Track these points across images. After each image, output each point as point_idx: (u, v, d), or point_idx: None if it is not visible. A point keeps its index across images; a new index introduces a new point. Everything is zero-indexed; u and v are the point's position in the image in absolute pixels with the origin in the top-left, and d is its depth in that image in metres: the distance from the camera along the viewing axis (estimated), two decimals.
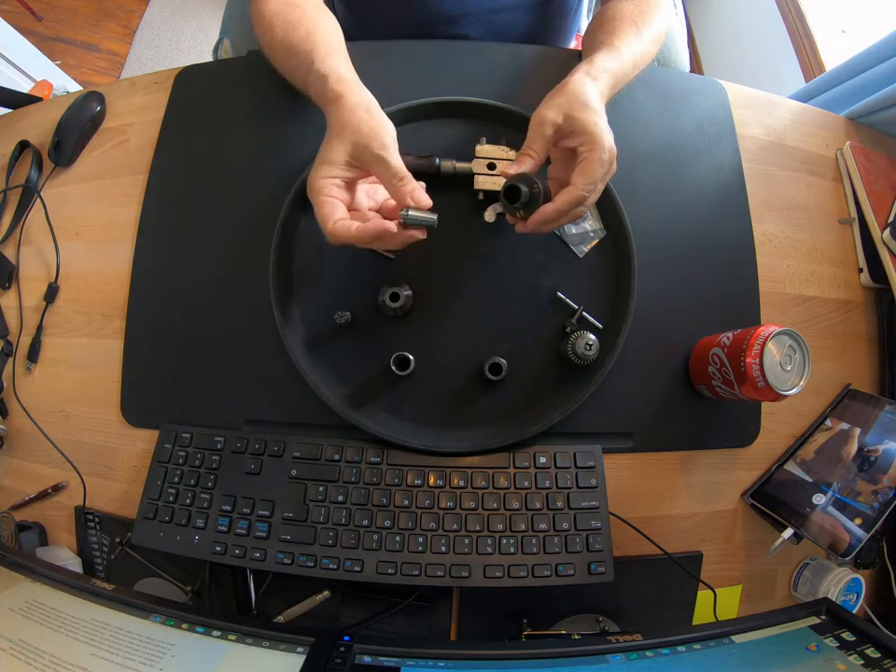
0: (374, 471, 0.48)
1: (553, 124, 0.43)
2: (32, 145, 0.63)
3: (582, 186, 0.42)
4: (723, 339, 0.48)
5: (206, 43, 1.89)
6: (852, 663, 0.34)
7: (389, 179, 0.41)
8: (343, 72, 0.45)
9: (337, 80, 0.44)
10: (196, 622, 0.39)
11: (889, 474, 0.48)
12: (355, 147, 0.41)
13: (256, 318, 0.51)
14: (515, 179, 0.43)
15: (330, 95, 0.43)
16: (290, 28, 0.48)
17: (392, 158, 0.41)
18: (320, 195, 0.41)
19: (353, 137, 0.41)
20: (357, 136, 0.41)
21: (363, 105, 0.42)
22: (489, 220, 0.51)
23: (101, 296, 0.57)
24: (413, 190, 0.41)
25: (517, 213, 0.45)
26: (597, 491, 0.48)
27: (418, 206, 0.41)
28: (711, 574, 0.52)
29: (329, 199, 0.41)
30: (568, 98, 0.43)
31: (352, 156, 0.41)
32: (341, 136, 0.41)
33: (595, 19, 0.56)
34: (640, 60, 0.52)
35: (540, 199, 0.43)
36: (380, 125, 0.42)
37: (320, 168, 0.41)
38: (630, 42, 0.50)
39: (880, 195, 0.60)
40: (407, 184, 0.41)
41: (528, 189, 0.43)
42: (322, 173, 0.41)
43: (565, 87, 0.45)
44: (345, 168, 0.42)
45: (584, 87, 0.44)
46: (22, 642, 0.36)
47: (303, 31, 0.48)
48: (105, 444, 0.54)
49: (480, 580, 0.44)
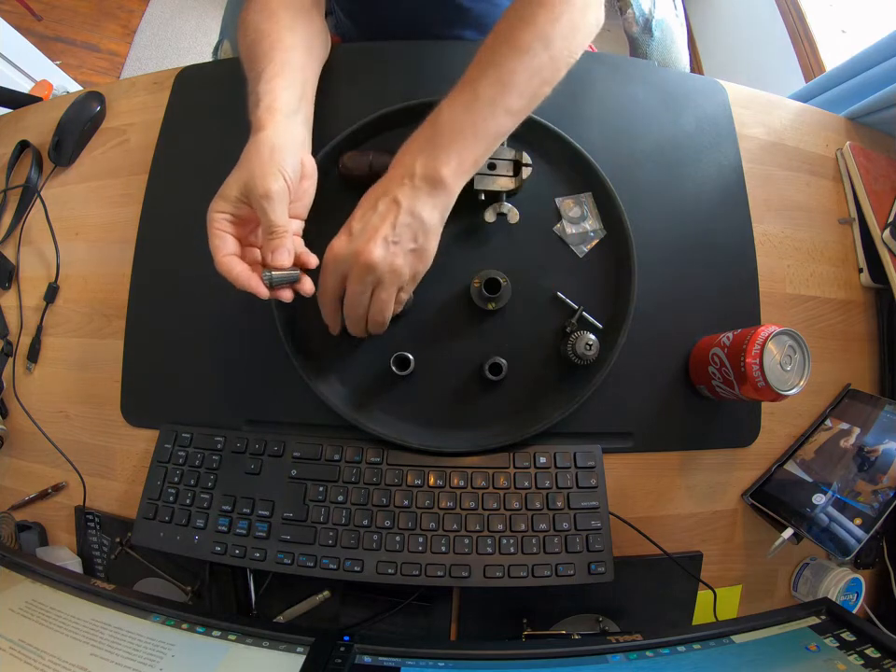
0: (374, 471, 0.47)
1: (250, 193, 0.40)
2: (32, 145, 0.63)
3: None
4: (723, 339, 0.48)
5: (206, 43, 1.89)
6: (852, 663, 0.34)
7: (264, 229, 0.40)
8: (277, 99, 0.43)
9: (266, 109, 0.42)
10: (196, 622, 0.39)
11: (888, 474, 0.48)
12: (244, 188, 0.39)
13: (256, 318, 0.51)
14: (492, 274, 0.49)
15: (254, 123, 0.42)
16: (258, 38, 0.47)
17: (269, 209, 0.39)
18: (211, 226, 0.40)
19: (246, 176, 0.39)
20: (248, 177, 0.39)
21: (268, 144, 0.40)
22: (489, 220, 0.51)
23: (101, 296, 0.57)
24: (276, 248, 0.39)
25: (490, 304, 0.49)
26: (597, 491, 0.48)
27: (275, 266, 0.39)
28: (711, 574, 0.52)
29: (219, 232, 0.40)
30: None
31: (242, 195, 0.40)
32: (237, 172, 0.40)
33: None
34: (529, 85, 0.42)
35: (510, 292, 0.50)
36: (273, 170, 0.39)
37: (215, 201, 0.40)
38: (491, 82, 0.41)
39: (880, 195, 0.60)
40: (273, 239, 0.39)
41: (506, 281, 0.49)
42: (215, 206, 0.40)
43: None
44: (237, 205, 0.40)
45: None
46: (22, 642, 0.36)
47: (267, 44, 0.46)
48: (105, 444, 0.54)
49: (480, 580, 0.44)
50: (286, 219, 0.40)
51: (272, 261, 0.39)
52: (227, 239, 0.40)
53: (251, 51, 0.47)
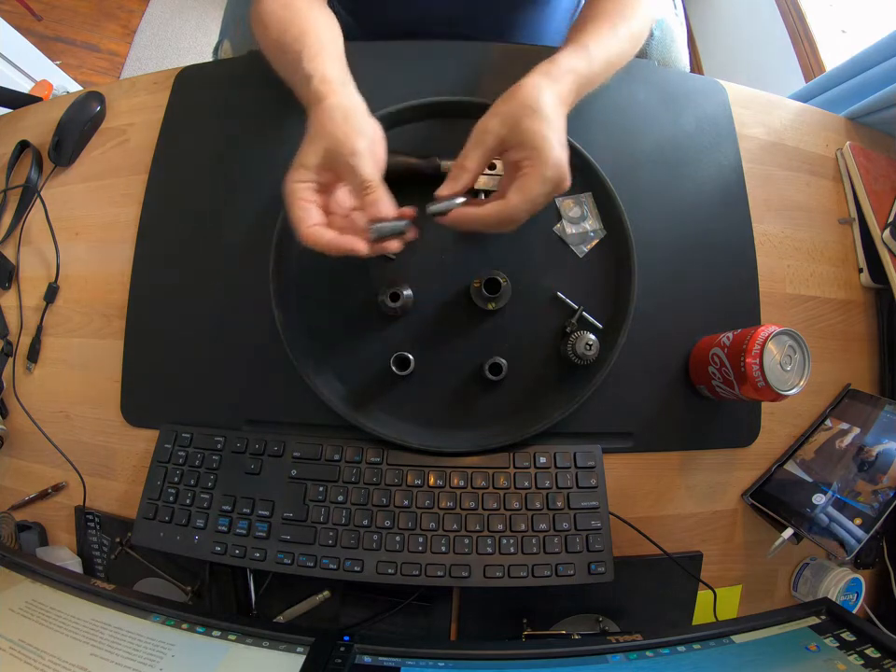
0: (374, 471, 0.47)
1: (496, 135, 0.40)
2: (32, 145, 0.63)
3: (516, 203, 0.39)
4: (723, 339, 0.48)
5: (206, 43, 1.89)
6: (852, 663, 0.34)
7: (356, 188, 0.40)
8: (327, 73, 0.44)
9: (320, 81, 0.43)
10: (196, 622, 0.39)
11: (888, 474, 0.48)
12: (327, 152, 0.40)
13: (256, 318, 0.51)
14: (492, 274, 0.48)
15: (312, 97, 0.43)
16: (284, 27, 0.48)
17: (361, 165, 0.39)
18: (293, 196, 0.40)
19: (326, 142, 0.40)
20: (330, 141, 0.40)
21: (341, 109, 0.41)
22: None
23: (101, 296, 0.57)
24: (376, 201, 0.39)
25: (489, 304, 0.49)
26: (597, 491, 0.48)
27: (380, 218, 0.39)
28: (711, 574, 0.52)
29: (302, 203, 0.40)
30: (518, 104, 0.40)
31: (324, 160, 0.40)
32: (315, 140, 0.41)
33: (575, 19, 0.53)
34: (615, 59, 0.48)
35: (510, 292, 0.49)
36: (354, 131, 0.40)
37: (295, 171, 0.40)
38: (602, 39, 0.46)
39: (880, 195, 0.60)
40: (370, 193, 0.39)
41: (506, 281, 0.48)
42: (296, 176, 0.40)
43: (517, 91, 0.41)
44: (319, 172, 0.41)
45: (539, 92, 0.41)
46: (22, 642, 0.36)
47: (296, 30, 0.47)
48: (105, 444, 0.54)
49: (480, 580, 0.44)
50: (377, 173, 0.40)
51: (376, 213, 0.39)
52: (311, 209, 0.40)
53: (280, 41, 0.48)
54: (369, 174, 0.39)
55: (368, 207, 0.39)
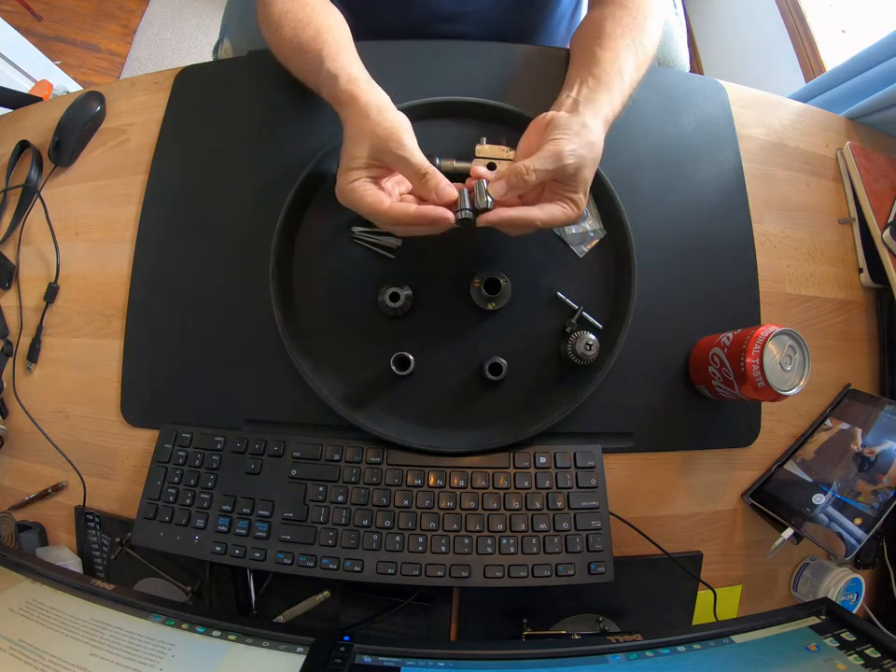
0: (374, 471, 0.47)
1: (564, 170, 0.41)
2: (32, 145, 0.63)
3: (544, 220, 0.42)
4: (723, 339, 0.48)
5: (206, 43, 1.89)
6: (852, 663, 0.34)
7: (412, 177, 0.41)
8: (353, 71, 0.45)
9: (347, 80, 0.44)
10: (196, 622, 0.39)
11: (888, 474, 0.48)
12: (373, 150, 0.41)
13: (256, 318, 0.51)
14: (492, 274, 0.49)
15: (342, 97, 0.44)
16: (299, 26, 0.48)
17: (412, 156, 0.41)
18: (356, 193, 0.41)
19: (370, 141, 0.41)
20: (374, 139, 0.41)
21: (374, 106, 0.42)
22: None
23: (101, 296, 0.57)
24: (437, 186, 0.41)
25: (489, 304, 0.50)
26: (597, 491, 0.48)
27: (444, 202, 0.41)
28: (711, 574, 0.52)
29: (369, 191, 0.41)
30: (590, 154, 0.42)
31: (372, 158, 0.41)
32: (358, 141, 0.42)
33: (588, 26, 0.53)
34: (636, 85, 0.50)
35: (510, 292, 0.50)
36: (394, 124, 0.41)
37: (346, 175, 0.42)
38: (629, 66, 0.48)
39: (880, 195, 0.60)
40: (430, 180, 0.41)
41: (506, 281, 0.48)
42: (350, 178, 0.42)
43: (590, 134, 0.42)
44: (369, 169, 0.42)
45: (601, 144, 0.43)
46: (22, 642, 0.36)
47: (312, 29, 0.48)
48: (105, 444, 0.54)
49: (480, 580, 0.44)
50: (426, 160, 0.41)
51: (440, 199, 0.41)
52: (379, 193, 0.41)
53: (296, 39, 0.48)
54: (420, 161, 0.41)
55: (430, 193, 0.41)
